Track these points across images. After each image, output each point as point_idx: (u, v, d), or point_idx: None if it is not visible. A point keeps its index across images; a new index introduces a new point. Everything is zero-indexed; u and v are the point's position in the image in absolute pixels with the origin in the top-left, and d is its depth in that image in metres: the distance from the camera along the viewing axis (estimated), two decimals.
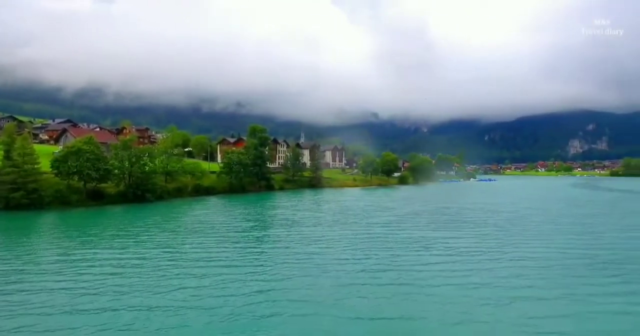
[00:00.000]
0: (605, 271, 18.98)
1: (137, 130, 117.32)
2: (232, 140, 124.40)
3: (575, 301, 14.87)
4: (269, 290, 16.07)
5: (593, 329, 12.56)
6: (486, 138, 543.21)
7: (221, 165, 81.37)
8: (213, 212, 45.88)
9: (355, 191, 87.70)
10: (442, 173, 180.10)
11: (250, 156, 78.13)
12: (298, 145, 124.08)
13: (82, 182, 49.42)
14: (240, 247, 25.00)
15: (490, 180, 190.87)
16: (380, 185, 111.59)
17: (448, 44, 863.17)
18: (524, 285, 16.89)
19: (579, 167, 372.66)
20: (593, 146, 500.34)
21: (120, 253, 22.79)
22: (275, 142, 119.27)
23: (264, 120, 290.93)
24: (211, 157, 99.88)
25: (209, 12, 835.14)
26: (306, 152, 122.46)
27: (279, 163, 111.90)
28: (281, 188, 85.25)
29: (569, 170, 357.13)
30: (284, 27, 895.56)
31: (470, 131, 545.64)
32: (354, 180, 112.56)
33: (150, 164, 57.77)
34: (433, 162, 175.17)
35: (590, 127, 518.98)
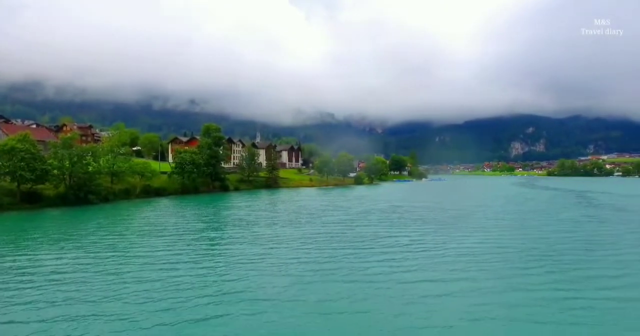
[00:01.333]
0: (537, 262, 20.43)
1: (80, 127, 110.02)
2: (184, 139, 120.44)
3: (511, 289, 15.98)
4: (221, 290, 15.75)
5: (525, 313, 13.45)
6: (437, 139, 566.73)
7: (173, 165, 78.35)
8: (164, 213, 44.01)
9: (312, 191, 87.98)
10: (395, 173, 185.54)
11: (204, 156, 75.88)
12: (254, 145, 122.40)
13: (16, 184, 45.42)
14: (193, 248, 24.20)
15: (440, 179, 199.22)
16: (336, 185, 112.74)
17: (401, 46, 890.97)
18: (463, 276, 18.01)
19: (520, 167, 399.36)
20: (532, 148, 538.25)
21: (59, 259, 21.19)
22: (230, 141, 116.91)
23: (219, 119, 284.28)
24: (162, 157, 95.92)
25: (161, 5, 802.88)
26: (262, 152, 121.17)
27: (234, 163, 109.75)
28: (236, 189, 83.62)
29: (511, 170, 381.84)
30: (240, 25, 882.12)
31: (422, 132, 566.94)
32: (311, 180, 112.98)
33: (94, 164, 54.28)
34: (387, 162, 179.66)
35: (530, 130, 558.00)
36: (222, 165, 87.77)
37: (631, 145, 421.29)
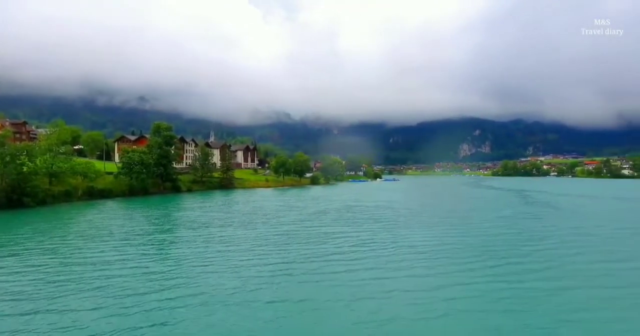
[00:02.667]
0: (477, 257, 21.79)
1: (12, 124, 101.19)
2: (132, 137, 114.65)
3: (452, 282, 17.10)
4: (171, 293, 15.33)
5: (465, 303, 14.40)
6: (391, 140, 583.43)
7: (119, 165, 74.34)
8: (110, 216, 41.66)
9: (268, 191, 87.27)
10: (351, 173, 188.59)
11: (154, 155, 72.74)
12: (207, 145, 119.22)
13: None
14: (143, 252, 23.24)
15: (394, 179, 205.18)
16: (292, 185, 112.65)
17: (357, 50, 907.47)
18: (407, 267, 19.47)
19: (468, 168, 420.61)
20: (479, 149, 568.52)
21: None
22: (183, 140, 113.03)
23: (170, 117, 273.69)
24: (107, 156, 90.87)
25: None
26: (216, 152, 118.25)
27: (186, 163, 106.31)
28: (189, 190, 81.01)
29: (460, 170, 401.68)
30: (195, 20, 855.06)
31: (377, 134, 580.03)
32: (267, 180, 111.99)
33: (30, 164, 50.26)
34: (343, 162, 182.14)
35: (477, 132, 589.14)
36: (174, 165, 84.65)
37: (565, 148, 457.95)
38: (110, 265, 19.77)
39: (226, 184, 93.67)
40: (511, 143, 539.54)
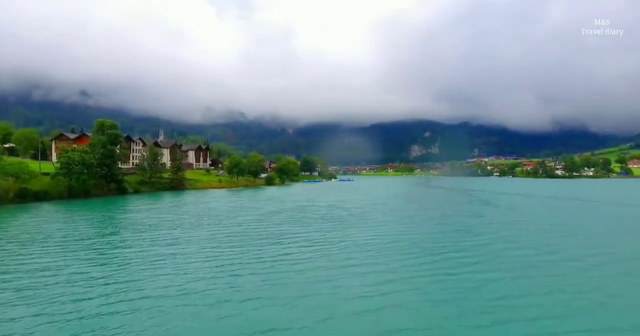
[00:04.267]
0: (419, 251, 23.05)
1: None
2: (72, 136, 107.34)
3: (393, 274, 18.11)
4: (112, 297, 14.74)
5: (403, 290, 15.20)
6: (345, 141, 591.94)
7: (57, 165, 69.31)
8: (46, 219, 38.77)
9: (221, 192, 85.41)
10: (306, 173, 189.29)
11: (97, 155, 68.64)
12: (156, 144, 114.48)
13: None
14: (82, 256, 22.05)
15: (348, 180, 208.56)
16: (246, 186, 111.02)
17: (311, 50, 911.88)
18: (353, 264, 20.32)
19: (418, 168, 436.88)
20: (429, 150, 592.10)
21: None
22: (129, 139, 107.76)
23: (116, 114, 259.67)
24: (43, 156, 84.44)
25: None
26: (166, 152, 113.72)
27: (133, 163, 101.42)
28: (136, 192, 77.36)
29: (411, 170, 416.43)
30: (145, 14, 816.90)
31: (332, 134, 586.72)
32: (220, 181, 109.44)
33: None
34: (298, 163, 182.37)
35: (427, 134, 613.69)
36: (120, 165, 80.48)
37: (506, 149, 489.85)
38: (47, 271, 18.61)
39: (177, 185, 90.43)
40: (458, 145, 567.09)
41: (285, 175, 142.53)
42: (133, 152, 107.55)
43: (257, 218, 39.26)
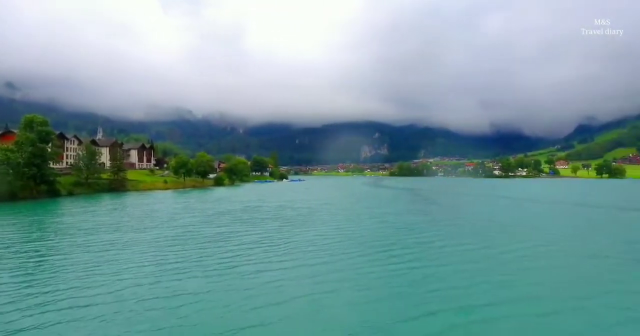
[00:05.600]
0: (363, 249, 23.67)
1: None
2: None
3: (336, 272, 18.29)
4: (41, 307, 13.57)
5: (345, 287, 15.50)
6: (297, 141, 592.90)
7: None
8: None
9: (166, 194, 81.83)
10: (257, 174, 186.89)
11: (25, 154, 62.89)
12: (94, 142, 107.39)
13: None
14: (3, 264, 19.89)
15: (299, 180, 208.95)
16: (194, 186, 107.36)
17: (262, 49, 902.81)
18: (296, 264, 20.35)
19: (368, 168, 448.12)
20: (378, 151, 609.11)
21: None
22: (63, 137, 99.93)
23: (47, 109, 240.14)
24: None
25: None
26: (105, 150, 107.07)
27: (67, 163, 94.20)
28: (70, 194, 71.89)
29: (361, 171, 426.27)
30: (83, 4, 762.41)
31: (283, 134, 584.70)
32: (165, 182, 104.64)
33: None
34: (249, 163, 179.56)
35: (376, 135, 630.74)
36: (52, 165, 74.37)
37: (449, 150, 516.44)
38: None
39: (117, 186, 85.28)
40: (406, 146, 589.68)
41: (235, 175, 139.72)
42: (67, 150, 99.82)
43: (204, 220, 38.12)
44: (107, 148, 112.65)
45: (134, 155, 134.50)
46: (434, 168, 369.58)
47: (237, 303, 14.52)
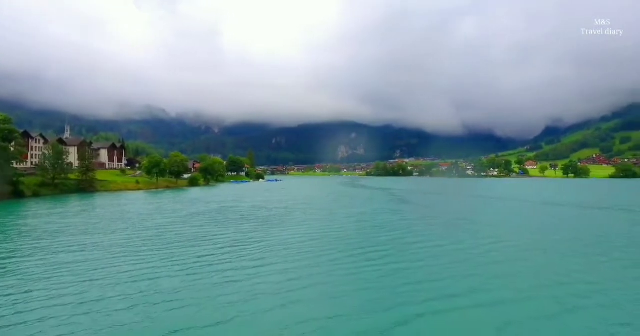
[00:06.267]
0: (334, 247, 23.88)
1: None
2: None
3: (309, 269, 18.45)
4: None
5: (319, 283, 15.73)
6: (274, 141, 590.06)
7: None
8: None
9: (138, 195, 79.77)
10: (233, 174, 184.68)
11: None
12: (61, 141, 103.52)
13: None
14: None
15: (276, 180, 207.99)
16: (168, 187, 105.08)
17: (238, 47, 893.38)
18: (269, 262, 20.43)
19: (345, 168, 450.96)
20: (355, 151, 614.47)
21: None
22: (27, 135, 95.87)
23: (10, 107, 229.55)
24: None
25: None
26: (73, 150, 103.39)
27: (32, 163, 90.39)
28: (36, 195, 69.00)
29: (338, 171, 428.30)
30: None
31: (259, 134, 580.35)
32: (137, 182, 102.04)
33: None
34: (224, 163, 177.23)
35: (353, 135, 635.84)
36: (15, 165, 71.19)
37: (425, 151, 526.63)
38: None
39: (86, 187, 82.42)
40: (382, 146, 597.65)
41: (210, 175, 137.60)
42: (32, 149, 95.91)
43: (176, 221, 37.43)
44: (75, 148, 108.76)
45: (103, 155, 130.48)
46: (409, 168, 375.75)
47: (209, 302, 14.47)
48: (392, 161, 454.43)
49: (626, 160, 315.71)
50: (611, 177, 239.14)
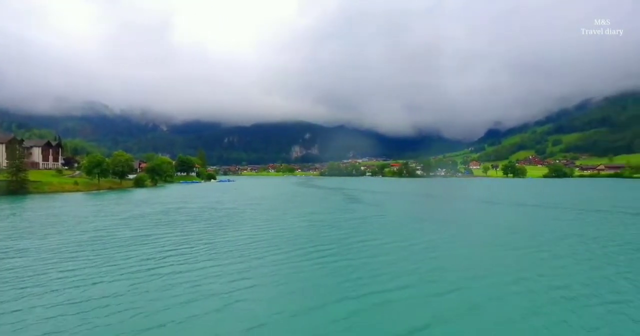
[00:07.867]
0: (283, 246, 24.04)
1: None
2: None
3: (255, 269, 18.37)
4: None
5: (266, 282, 15.73)
6: (226, 140, 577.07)
7: None
8: None
9: (77, 196, 74.71)
10: (183, 174, 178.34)
11: None
12: None
13: None
14: None
15: (229, 180, 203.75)
16: (111, 188, 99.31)
17: (190, 42, 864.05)
18: (216, 264, 20.20)
19: (299, 168, 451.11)
20: (309, 151, 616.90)
21: None
22: None
23: None
24: None
25: None
26: (1, 148, 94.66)
27: None
28: None
29: (292, 170, 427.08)
30: None
31: (211, 133, 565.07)
32: (76, 183, 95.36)
33: None
34: (173, 162, 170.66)
35: (307, 135, 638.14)
36: None
37: (377, 151, 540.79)
38: None
39: (16, 189, 75.84)
40: (336, 146, 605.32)
41: (158, 176, 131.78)
42: None
43: (118, 224, 35.56)
44: (4, 145, 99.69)
45: (37, 154, 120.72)
46: (362, 168, 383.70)
47: (150, 304, 14.11)
48: (345, 161, 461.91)
49: (557, 161, 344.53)
50: (545, 176, 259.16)
